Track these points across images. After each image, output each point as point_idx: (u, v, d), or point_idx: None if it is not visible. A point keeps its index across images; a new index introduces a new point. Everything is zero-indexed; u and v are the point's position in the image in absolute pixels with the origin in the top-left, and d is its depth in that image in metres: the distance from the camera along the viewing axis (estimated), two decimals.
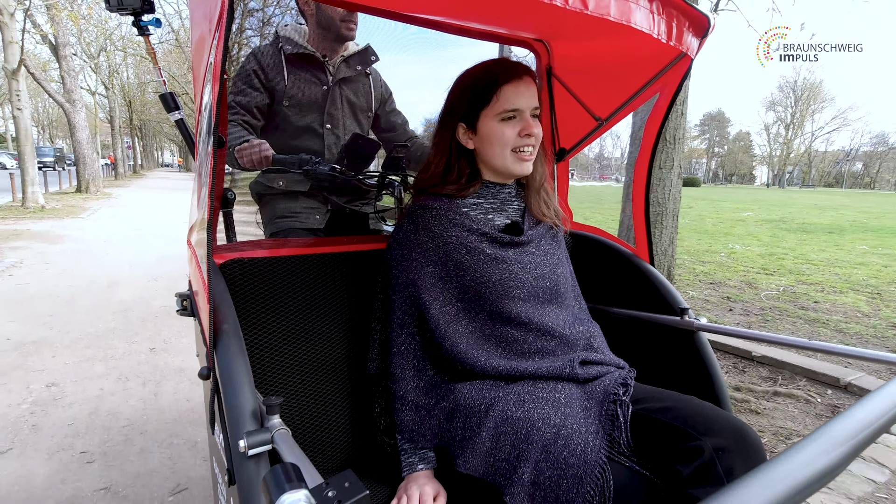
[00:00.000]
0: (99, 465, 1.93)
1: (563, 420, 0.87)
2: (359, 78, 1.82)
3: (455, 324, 1.03)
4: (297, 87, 1.68)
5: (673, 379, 1.23)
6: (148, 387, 2.62)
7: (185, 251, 1.16)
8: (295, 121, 1.71)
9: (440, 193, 1.09)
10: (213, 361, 0.78)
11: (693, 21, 1.04)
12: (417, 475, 0.98)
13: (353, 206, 1.82)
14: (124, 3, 1.17)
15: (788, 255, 7.45)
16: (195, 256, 0.99)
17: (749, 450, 0.80)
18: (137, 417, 2.30)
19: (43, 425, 2.20)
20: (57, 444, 2.06)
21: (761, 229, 11.08)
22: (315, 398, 1.13)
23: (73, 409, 2.36)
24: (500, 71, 1.04)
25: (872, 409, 0.44)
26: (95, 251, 6.35)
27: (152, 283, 4.82)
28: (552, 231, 1.16)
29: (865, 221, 13.52)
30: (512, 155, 1.05)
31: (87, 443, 2.08)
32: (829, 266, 6.58)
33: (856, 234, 10.31)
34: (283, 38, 1.67)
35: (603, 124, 1.43)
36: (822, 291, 5.10)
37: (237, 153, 1.49)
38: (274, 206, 1.75)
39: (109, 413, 2.33)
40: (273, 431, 0.66)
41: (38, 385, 2.59)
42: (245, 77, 1.66)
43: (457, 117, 1.08)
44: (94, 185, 15.08)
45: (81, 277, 4.91)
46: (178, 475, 1.89)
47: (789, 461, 0.37)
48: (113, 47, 20.08)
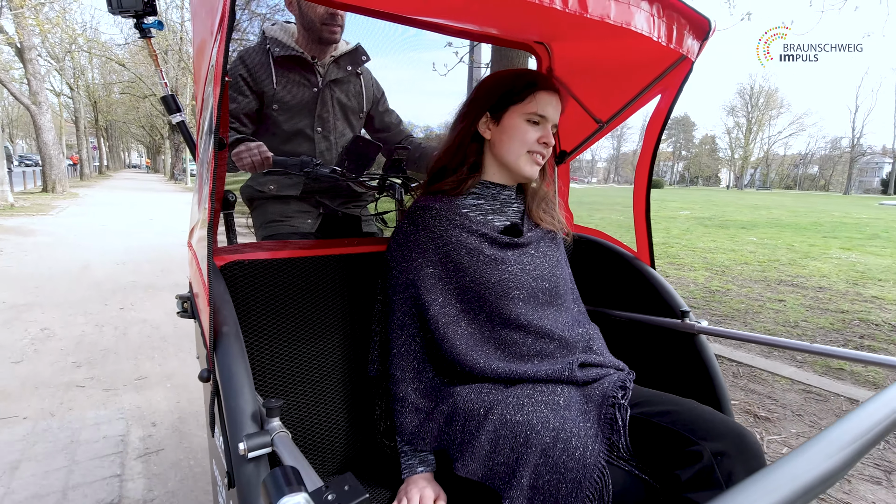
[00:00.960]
0: (85, 368, 2.83)
1: (562, 424, 0.86)
2: (349, 79, 1.78)
3: (454, 325, 1.03)
4: (286, 91, 1.64)
5: (673, 382, 1.22)
6: (119, 329, 3.49)
7: (185, 252, 1.16)
8: (284, 125, 1.67)
9: (439, 189, 1.10)
10: (214, 364, 0.78)
11: (693, 24, 1.04)
12: (417, 478, 0.98)
13: (346, 209, 1.80)
14: (126, 6, 1.17)
15: (678, 244, 8.44)
16: (196, 258, 0.99)
17: (749, 454, 0.80)
18: (111, 346, 3.19)
19: (42, 349, 3.08)
20: (54, 358, 2.94)
21: (683, 224, 12.23)
22: (315, 401, 1.13)
23: (63, 341, 3.22)
24: (540, 78, 1.10)
25: (874, 413, 0.44)
26: (67, 242, 6.93)
27: (120, 266, 5.52)
28: (551, 233, 1.16)
29: (782, 219, 14.65)
30: (527, 155, 1.08)
31: (75, 358, 2.97)
32: (705, 252, 7.64)
33: (764, 230, 11.35)
34: (270, 38, 1.63)
35: (604, 127, 1.43)
36: (679, 269, 6.25)
37: (234, 156, 1.46)
38: (265, 210, 1.72)
39: (90, 343, 3.21)
40: (273, 434, 0.66)
41: (34, 329, 3.43)
42: (232, 83, 1.60)
43: (483, 108, 1.10)
44: (61, 185, 15.29)
45: (57, 262, 5.55)
46: (141, 371, 2.81)
47: (789, 466, 0.36)
48: (78, 49, 19.95)
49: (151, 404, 2.43)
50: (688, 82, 1.19)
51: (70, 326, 3.48)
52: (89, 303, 4.06)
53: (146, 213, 11.05)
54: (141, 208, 12.29)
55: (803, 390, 2.76)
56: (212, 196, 0.77)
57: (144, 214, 10.87)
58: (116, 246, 6.70)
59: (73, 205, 12.36)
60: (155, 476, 1.86)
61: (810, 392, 2.74)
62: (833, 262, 6.97)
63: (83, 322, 3.58)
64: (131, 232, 8.18)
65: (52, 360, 2.90)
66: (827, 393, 2.72)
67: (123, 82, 28.83)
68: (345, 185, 1.69)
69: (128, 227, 8.83)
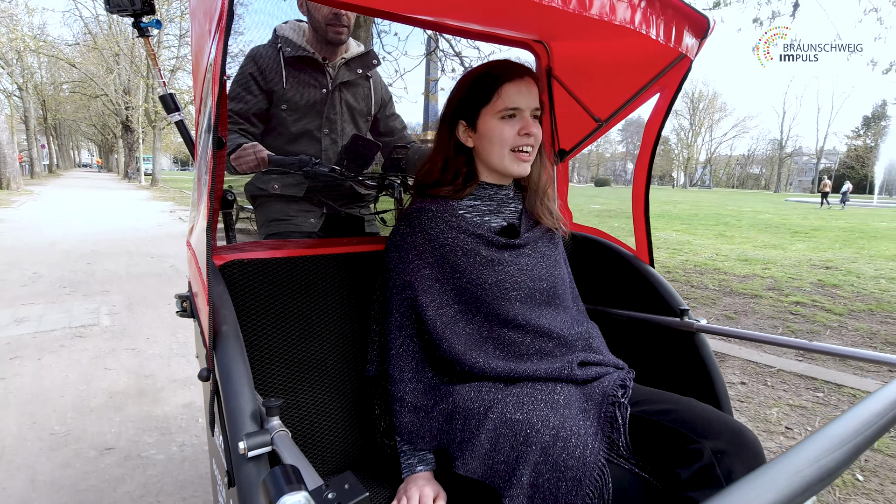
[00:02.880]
0: (68, 288, 4.49)
1: (562, 422, 0.87)
2: (359, 81, 1.78)
3: (452, 325, 1.03)
4: (295, 91, 1.65)
5: (673, 380, 1.23)
6: (87, 273, 5.16)
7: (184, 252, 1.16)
8: (292, 126, 1.68)
9: (437, 195, 1.09)
10: (213, 363, 0.78)
11: (692, 22, 1.04)
12: (417, 477, 0.98)
13: (349, 209, 1.80)
14: (124, 5, 1.17)
15: None
16: (195, 257, 0.99)
17: (748, 452, 0.80)
18: (84, 280, 4.85)
19: (38, 281, 4.73)
20: (46, 284, 4.61)
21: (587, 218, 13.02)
22: (315, 400, 1.13)
23: (51, 278, 4.86)
24: (502, 70, 1.05)
25: (873, 409, 0.44)
26: (33, 228, 8.34)
27: (82, 242, 6.99)
28: (549, 233, 1.16)
29: (681, 213, 16.19)
30: (510, 154, 1.05)
31: (61, 284, 4.65)
32: None
33: (661, 221, 12.89)
34: (281, 38, 1.63)
35: (603, 125, 1.43)
36: None
37: (233, 160, 1.46)
38: (269, 209, 1.72)
39: (70, 279, 4.83)
40: (273, 433, 0.66)
41: (28, 272, 5.06)
42: (242, 81, 1.62)
43: (458, 115, 1.08)
44: (16, 183, 16.50)
45: (28, 241, 6.94)
46: (104, 289, 4.54)
47: (789, 463, 0.37)
48: (26, 49, 20.33)
49: (112, 300, 4.17)
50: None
51: (53, 272, 5.10)
52: (63, 262, 5.62)
53: (101, 207, 12.44)
54: (96, 203, 13.59)
55: None
56: (211, 195, 0.77)
57: (100, 208, 12.30)
58: (77, 230, 8.09)
59: (30, 200, 13.60)
60: (115, 318, 3.68)
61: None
62: (662, 239, 9.12)
63: (61, 270, 5.19)
64: (89, 220, 9.65)
65: (46, 285, 4.59)
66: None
67: (73, 81, 29.00)
68: (348, 185, 1.69)
69: (85, 217, 10.06)
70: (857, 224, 13.84)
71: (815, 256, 7.40)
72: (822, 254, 7.70)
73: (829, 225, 13.38)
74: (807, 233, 10.97)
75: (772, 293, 4.96)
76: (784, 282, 5.48)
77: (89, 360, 2.85)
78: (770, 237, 9.98)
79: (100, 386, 2.52)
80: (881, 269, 6.35)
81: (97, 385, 2.53)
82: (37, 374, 2.63)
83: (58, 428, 2.12)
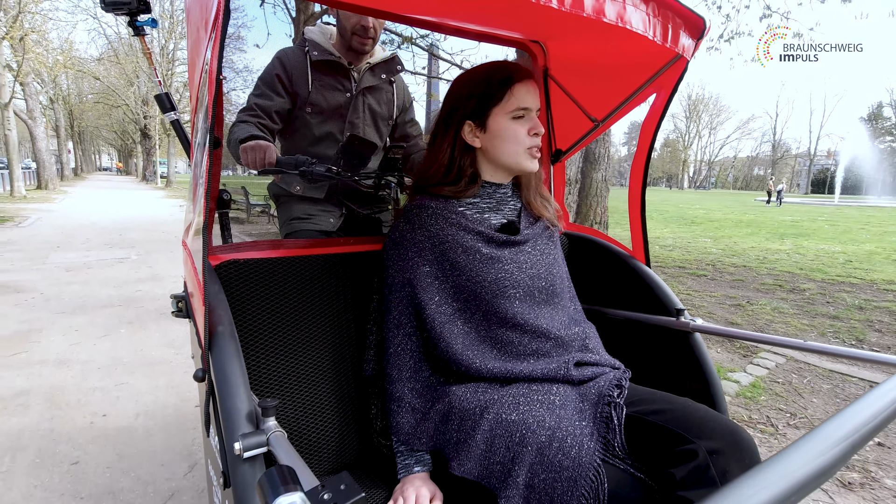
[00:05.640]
0: (114, 246, 7.22)
1: (558, 422, 0.87)
2: (383, 86, 1.80)
3: (450, 324, 1.03)
4: (320, 94, 1.67)
5: (668, 380, 1.23)
6: (123, 237, 8.00)
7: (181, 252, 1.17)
8: (315, 128, 1.70)
9: (438, 193, 1.09)
10: (209, 364, 0.77)
11: (688, 23, 1.04)
12: (413, 477, 0.98)
13: (366, 210, 1.82)
14: (120, 3, 1.17)
15: None
16: (190, 257, 0.98)
17: (743, 452, 0.80)
18: (120, 242, 7.58)
19: (90, 242, 7.44)
20: (98, 243, 7.35)
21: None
22: (311, 400, 1.13)
23: (99, 240, 7.65)
24: (513, 70, 1.06)
25: (867, 409, 0.44)
26: (76, 215, 11.48)
27: (114, 223, 9.93)
28: (548, 231, 1.16)
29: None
30: (525, 152, 1.07)
31: (108, 242, 7.48)
32: None
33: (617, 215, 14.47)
34: (309, 41, 1.65)
35: (599, 125, 1.43)
36: None
37: (241, 149, 1.46)
38: (290, 208, 1.75)
39: (111, 241, 7.59)
40: (268, 434, 0.66)
41: (81, 238, 7.77)
42: (269, 80, 1.64)
43: (465, 115, 1.07)
44: (52, 184, 19.56)
45: (76, 222, 9.89)
46: (136, 249, 6.99)
47: (783, 462, 0.37)
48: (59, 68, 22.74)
49: (137, 249, 6.81)
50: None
51: (98, 237, 7.89)
52: (103, 233, 8.37)
53: (124, 203, 15.66)
54: (120, 200, 16.89)
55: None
56: (207, 195, 0.77)
57: (123, 203, 15.44)
58: (109, 217, 11.23)
59: (67, 198, 16.58)
60: (139, 256, 6.44)
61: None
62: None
63: (103, 237, 7.86)
64: (116, 210, 12.99)
65: (95, 244, 7.14)
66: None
67: (97, 92, 32.16)
68: (351, 184, 1.70)
69: (114, 208, 13.38)
70: (767, 219, 15.50)
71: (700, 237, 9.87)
72: (703, 236, 10.21)
73: (745, 219, 15.24)
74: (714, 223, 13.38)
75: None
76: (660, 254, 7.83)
77: (127, 269, 5.63)
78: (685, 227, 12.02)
79: (135, 276, 5.25)
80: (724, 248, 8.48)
81: (133, 276, 5.27)
82: (103, 273, 5.39)
83: (115, 289, 4.67)
